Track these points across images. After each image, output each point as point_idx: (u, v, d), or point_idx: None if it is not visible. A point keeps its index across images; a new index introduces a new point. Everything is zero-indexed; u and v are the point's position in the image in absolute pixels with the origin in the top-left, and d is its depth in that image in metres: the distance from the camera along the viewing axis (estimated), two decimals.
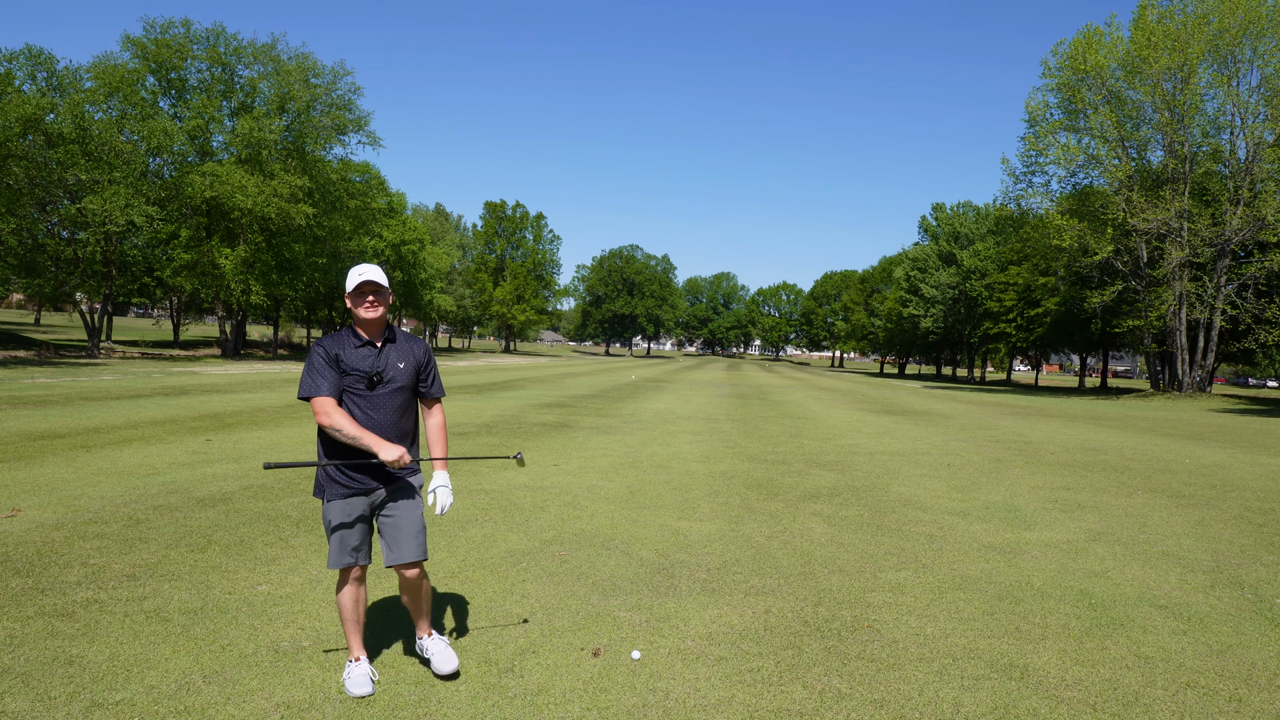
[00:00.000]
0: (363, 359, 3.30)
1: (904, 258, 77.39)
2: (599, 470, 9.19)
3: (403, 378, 3.37)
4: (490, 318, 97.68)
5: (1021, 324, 53.12)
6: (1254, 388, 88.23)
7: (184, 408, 14.71)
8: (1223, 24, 33.66)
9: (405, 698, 3.25)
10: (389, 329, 3.40)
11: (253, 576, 4.72)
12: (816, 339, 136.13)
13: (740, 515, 6.99)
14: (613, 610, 4.37)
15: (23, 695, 3.14)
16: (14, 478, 7.41)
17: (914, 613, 4.49)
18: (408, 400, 3.41)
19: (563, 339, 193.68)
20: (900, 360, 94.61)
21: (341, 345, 3.30)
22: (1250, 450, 14.29)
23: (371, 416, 3.29)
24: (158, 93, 39.63)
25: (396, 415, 3.34)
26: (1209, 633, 4.33)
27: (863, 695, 3.41)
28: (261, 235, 40.14)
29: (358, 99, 42.93)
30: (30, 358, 30.24)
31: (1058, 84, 38.65)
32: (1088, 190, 40.28)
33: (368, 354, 3.31)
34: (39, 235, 35.33)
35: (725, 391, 29.10)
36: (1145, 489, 9.26)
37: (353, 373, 3.28)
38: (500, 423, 14.15)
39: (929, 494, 8.39)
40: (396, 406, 3.34)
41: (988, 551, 5.98)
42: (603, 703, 3.26)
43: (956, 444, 13.53)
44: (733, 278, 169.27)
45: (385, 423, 3.31)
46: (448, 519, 6.40)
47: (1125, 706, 3.38)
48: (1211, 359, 37.30)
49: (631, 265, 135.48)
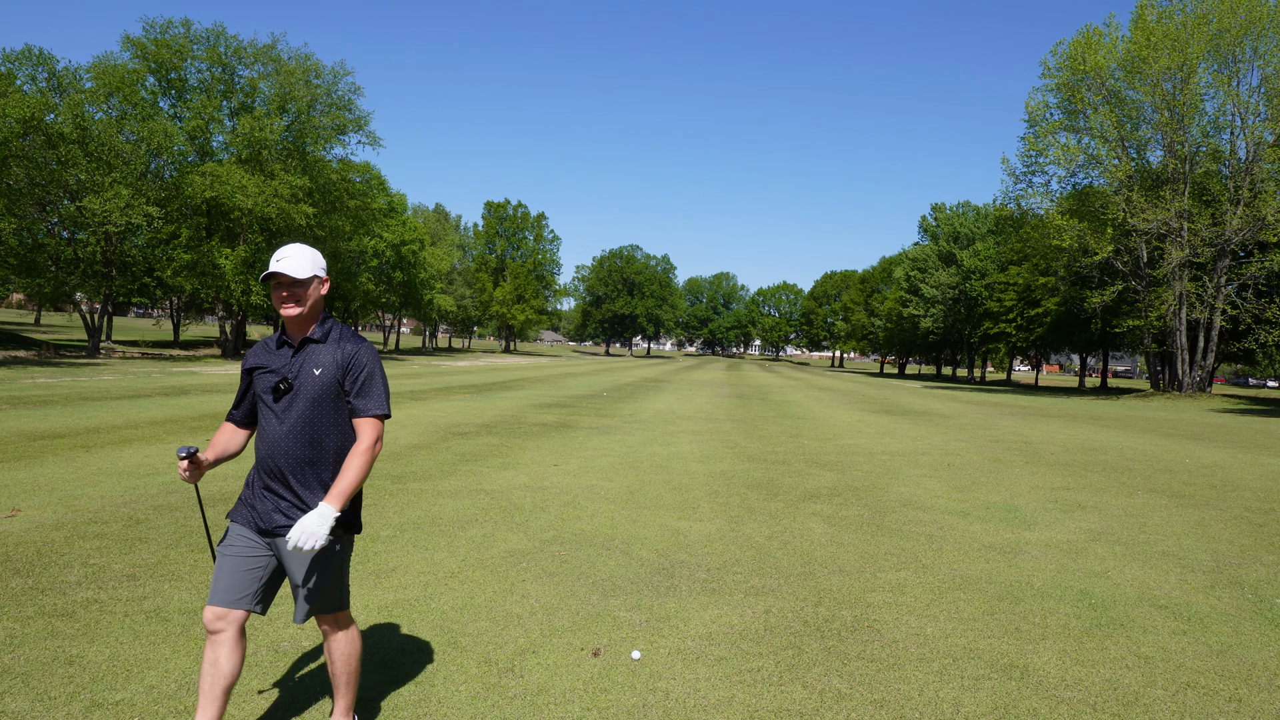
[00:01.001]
0: (275, 360, 2.73)
1: (904, 258, 77.43)
2: (599, 470, 9.19)
3: (313, 387, 2.65)
4: (490, 318, 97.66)
5: (1021, 324, 53.13)
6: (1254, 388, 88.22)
7: (184, 408, 14.71)
8: (1223, 24, 33.65)
9: (405, 698, 3.25)
10: (324, 326, 2.75)
11: None
12: (816, 339, 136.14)
13: (740, 515, 6.99)
14: (613, 610, 4.37)
15: (23, 695, 3.14)
16: (14, 478, 7.41)
17: (914, 613, 4.49)
18: (319, 419, 2.66)
19: (563, 339, 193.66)
20: (900, 360, 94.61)
21: (268, 349, 2.78)
22: (1250, 450, 14.28)
23: (268, 435, 2.68)
24: (158, 93, 39.62)
25: (297, 434, 2.63)
26: (1209, 633, 4.33)
27: (863, 695, 3.41)
28: (262, 235, 40.15)
29: (358, 99, 42.96)
30: (30, 358, 30.24)
31: (1057, 84, 38.65)
32: (1088, 190, 40.28)
33: (284, 356, 2.73)
34: (39, 235, 35.32)
35: (725, 391, 29.10)
36: (1145, 489, 9.26)
37: (261, 378, 2.73)
38: (500, 423, 14.15)
39: (929, 494, 8.39)
40: (300, 424, 2.64)
41: (988, 551, 5.98)
42: (603, 703, 3.26)
43: (956, 444, 13.53)
44: (733, 278, 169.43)
45: (280, 442, 2.64)
46: (448, 519, 6.40)
47: (1125, 706, 3.38)
48: (1211, 359, 37.29)
49: (631, 265, 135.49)
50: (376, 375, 2.72)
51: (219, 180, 36.27)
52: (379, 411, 2.71)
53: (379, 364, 2.76)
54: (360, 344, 2.74)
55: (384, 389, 2.75)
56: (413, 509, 6.73)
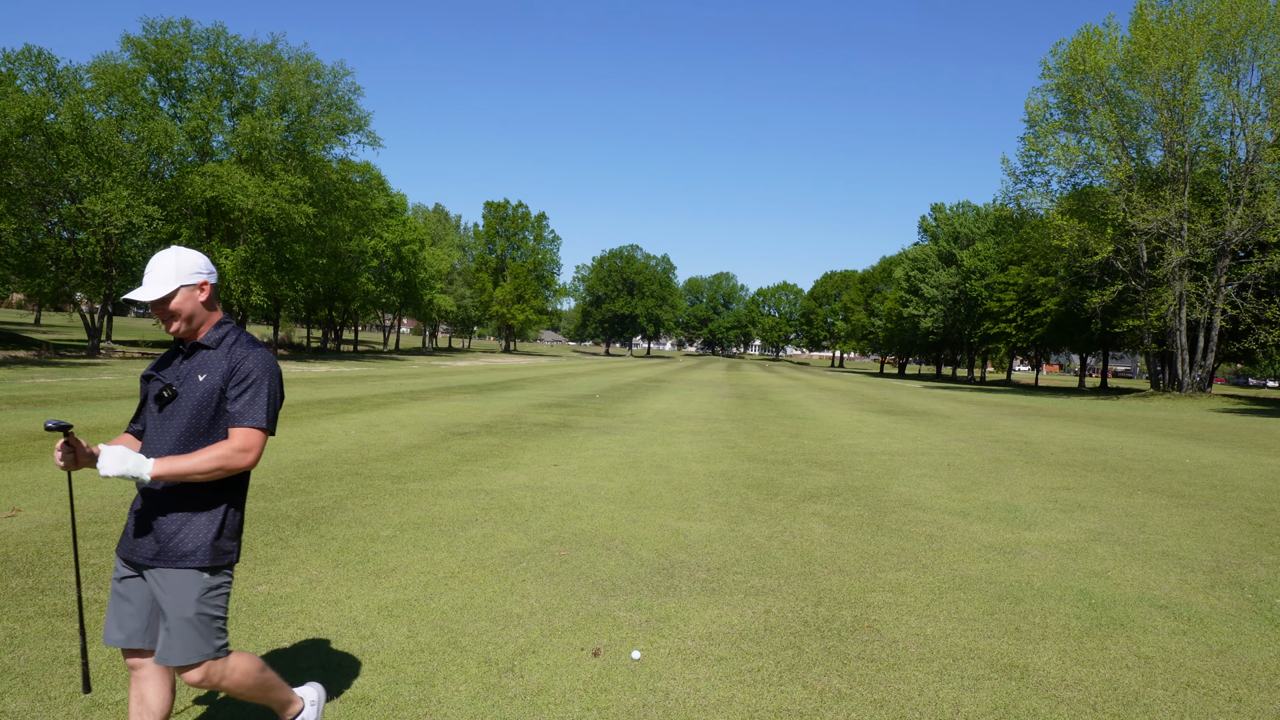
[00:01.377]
0: (165, 367, 2.54)
1: (904, 258, 77.44)
2: (599, 470, 9.19)
3: (196, 395, 2.42)
4: (490, 318, 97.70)
5: (1021, 324, 53.15)
6: (1254, 388, 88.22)
7: None
8: (1223, 24, 33.65)
9: (405, 698, 3.25)
10: (220, 330, 2.53)
11: (253, 576, 4.72)
12: (816, 339, 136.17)
13: (740, 515, 6.99)
14: (613, 610, 4.37)
15: (23, 695, 3.14)
16: (14, 478, 7.41)
17: (914, 613, 4.49)
18: (199, 429, 2.42)
19: (563, 339, 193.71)
20: (900, 360, 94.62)
21: (166, 356, 2.59)
22: (1250, 450, 14.28)
23: (150, 445, 2.46)
24: (158, 93, 39.65)
25: (177, 446, 2.41)
26: (1209, 633, 4.33)
27: (863, 695, 3.41)
28: (262, 235, 40.19)
29: (358, 99, 43.04)
30: (30, 358, 30.23)
31: (1057, 84, 38.66)
32: (1088, 190, 40.29)
33: (177, 362, 2.52)
34: (39, 235, 35.36)
35: (725, 391, 29.10)
36: (1145, 489, 9.26)
37: (151, 385, 2.52)
38: (500, 423, 14.15)
39: (929, 494, 8.39)
40: (177, 434, 2.41)
41: (988, 551, 5.98)
42: (603, 703, 3.26)
43: (956, 444, 13.53)
44: (733, 278, 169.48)
45: (160, 453, 2.42)
46: (448, 519, 6.40)
47: (1125, 706, 3.38)
48: (1211, 359, 37.30)
49: (631, 265, 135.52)
50: (263, 386, 2.46)
51: (219, 180, 36.29)
52: (254, 423, 2.42)
53: (271, 375, 2.50)
54: (252, 351, 2.50)
55: (268, 401, 2.47)
56: (413, 509, 6.73)
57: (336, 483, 7.76)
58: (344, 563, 5.07)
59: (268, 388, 2.48)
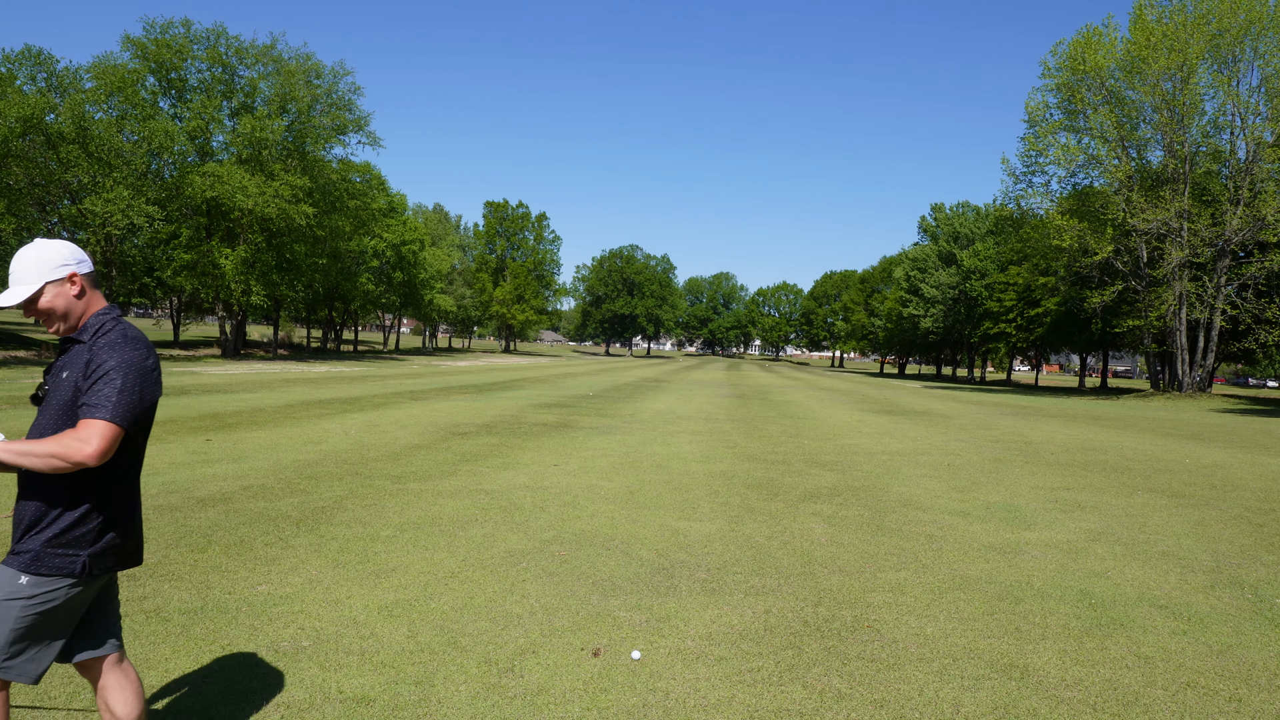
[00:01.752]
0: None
1: (904, 258, 77.40)
2: (599, 470, 9.19)
3: (58, 393, 2.28)
4: (490, 318, 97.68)
5: (1021, 324, 53.13)
6: (1254, 388, 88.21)
7: (184, 408, 14.71)
8: (1223, 24, 33.64)
9: (405, 698, 3.25)
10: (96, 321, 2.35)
11: (253, 576, 4.72)
12: (816, 339, 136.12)
13: (740, 515, 6.99)
14: (613, 610, 4.37)
15: (23, 695, 3.14)
16: (14, 478, 7.41)
17: (914, 613, 4.49)
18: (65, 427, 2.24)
19: (563, 339, 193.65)
20: (900, 360, 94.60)
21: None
22: (1250, 450, 14.28)
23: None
24: (158, 93, 39.65)
25: None
26: (1209, 633, 4.33)
27: (863, 695, 3.41)
28: (262, 235, 40.18)
29: (358, 99, 43.04)
30: (30, 357, 30.23)
31: (1057, 84, 38.65)
32: (1088, 190, 40.28)
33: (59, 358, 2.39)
34: (39, 235, 35.34)
35: (725, 391, 29.10)
36: (1145, 489, 9.26)
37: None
38: (500, 423, 14.15)
39: (929, 494, 8.39)
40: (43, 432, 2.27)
41: (988, 551, 5.98)
42: (603, 703, 3.26)
43: (956, 444, 13.53)
44: (732, 278, 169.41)
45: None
46: (448, 519, 6.40)
47: (1125, 706, 3.38)
48: (1211, 359, 37.29)
49: (631, 265, 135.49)
50: (116, 378, 2.21)
51: (219, 180, 36.29)
52: (99, 414, 2.16)
53: (130, 368, 2.24)
54: (113, 343, 2.27)
55: (119, 394, 2.20)
56: (413, 509, 6.73)
57: (336, 483, 7.76)
58: (344, 563, 5.08)
59: (123, 379, 2.22)
